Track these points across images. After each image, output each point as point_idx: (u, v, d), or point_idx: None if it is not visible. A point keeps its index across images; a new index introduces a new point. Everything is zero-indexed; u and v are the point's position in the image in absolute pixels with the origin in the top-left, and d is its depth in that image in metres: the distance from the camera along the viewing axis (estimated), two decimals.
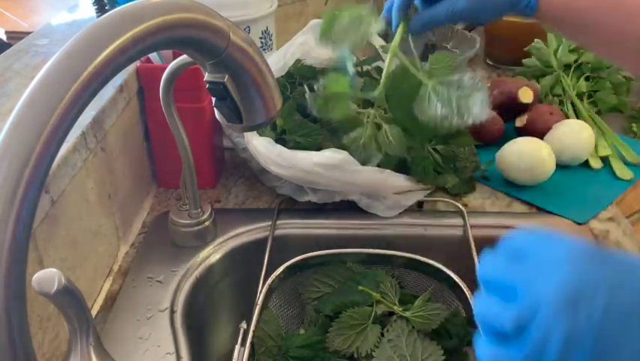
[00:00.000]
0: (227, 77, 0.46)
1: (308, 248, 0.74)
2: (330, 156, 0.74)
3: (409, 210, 0.83)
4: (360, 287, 0.68)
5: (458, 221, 0.82)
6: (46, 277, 0.40)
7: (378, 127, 0.76)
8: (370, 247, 0.75)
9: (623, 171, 0.93)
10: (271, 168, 0.76)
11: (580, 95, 1.10)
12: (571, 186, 0.90)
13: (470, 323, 0.70)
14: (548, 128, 0.96)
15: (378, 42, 0.96)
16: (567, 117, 1.03)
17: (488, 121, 0.97)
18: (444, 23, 0.64)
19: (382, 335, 0.66)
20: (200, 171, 0.75)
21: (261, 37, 0.98)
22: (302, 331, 0.73)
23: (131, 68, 0.80)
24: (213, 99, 0.48)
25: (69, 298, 0.42)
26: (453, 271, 0.70)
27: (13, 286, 0.33)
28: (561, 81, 1.12)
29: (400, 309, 0.68)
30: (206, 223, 0.77)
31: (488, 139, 0.98)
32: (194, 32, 0.41)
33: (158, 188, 0.90)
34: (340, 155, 0.75)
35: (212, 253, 0.77)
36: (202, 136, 0.85)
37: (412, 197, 0.83)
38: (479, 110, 0.65)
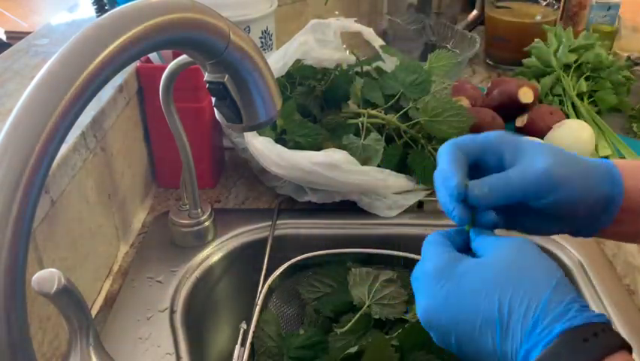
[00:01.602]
0: (227, 77, 0.46)
1: (308, 248, 0.74)
2: (330, 156, 0.74)
3: (408, 210, 0.83)
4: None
5: None
6: (45, 277, 0.40)
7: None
8: (370, 247, 0.75)
9: None
10: (271, 168, 0.76)
11: (580, 95, 1.10)
12: None
13: None
14: (548, 128, 0.96)
15: (378, 42, 0.96)
16: (567, 117, 1.03)
17: (488, 121, 0.97)
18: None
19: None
20: (200, 171, 0.75)
21: (261, 37, 0.98)
22: (302, 331, 0.73)
23: (131, 67, 0.80)
24: (213, 99, 0.48)
25: (69, 299, 0.42)
26: None
27: (13, 286, 0.33)
28: (561, 81, 1.11)
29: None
30: (206, 223, 0.77)
31: None
32: (194, 32, 0.41)
33: (158, 188, 0.90)
34: (340, 155, 0.75)
35: (212, 253, 0.77)
36: (202, 136, 0.85)
37: (412, 197, 0.83)
38: None
